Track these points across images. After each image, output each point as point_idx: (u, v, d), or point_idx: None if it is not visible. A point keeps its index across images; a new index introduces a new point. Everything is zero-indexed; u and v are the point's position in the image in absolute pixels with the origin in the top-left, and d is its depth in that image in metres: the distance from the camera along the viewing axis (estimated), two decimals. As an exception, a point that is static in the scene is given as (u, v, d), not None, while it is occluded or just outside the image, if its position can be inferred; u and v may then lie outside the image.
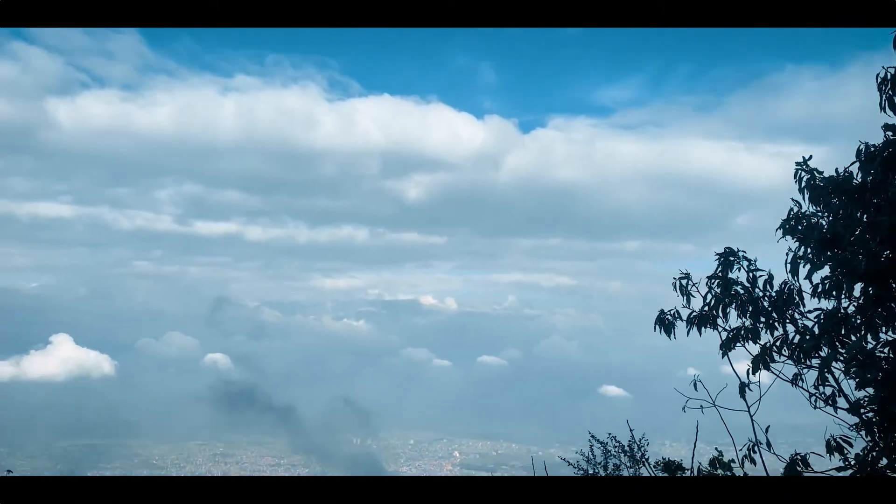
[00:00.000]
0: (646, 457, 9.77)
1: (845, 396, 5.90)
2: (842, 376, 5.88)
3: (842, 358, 5.81)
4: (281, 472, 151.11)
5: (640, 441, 9.81)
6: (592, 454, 10.26)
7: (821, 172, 6.53)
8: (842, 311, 6.07)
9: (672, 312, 6.92)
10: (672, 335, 6.93)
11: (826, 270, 6.19)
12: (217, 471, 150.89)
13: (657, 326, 6.92)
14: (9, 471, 12.08)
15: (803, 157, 6.60)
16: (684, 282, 6.93)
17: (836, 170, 6.36)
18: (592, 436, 10.33)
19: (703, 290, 6.90)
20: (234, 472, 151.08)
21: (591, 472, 10.12)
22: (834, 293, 6.09)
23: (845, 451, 5.58)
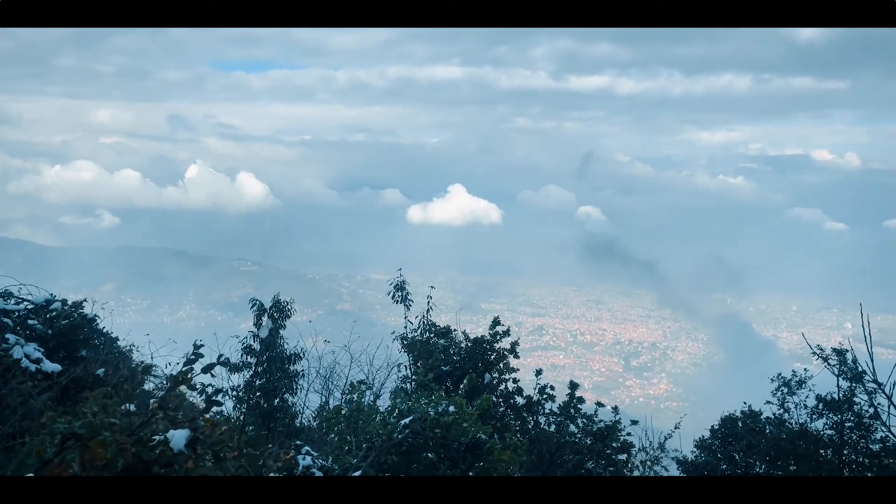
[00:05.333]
0: None
1: None
2: None
3: None
4: (651, 324, 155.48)
5: None
6: None
7: None
8: None
9: None
10: None
11: None
12: (590, 316, 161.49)
13: None
14: (430, 296, 14.59)
15: None
16: None
17: None
18: None
19: None
20: (605, 318, 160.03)
21: None
22: None
23: None
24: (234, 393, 11.48)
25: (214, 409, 11.00)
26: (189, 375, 2.92)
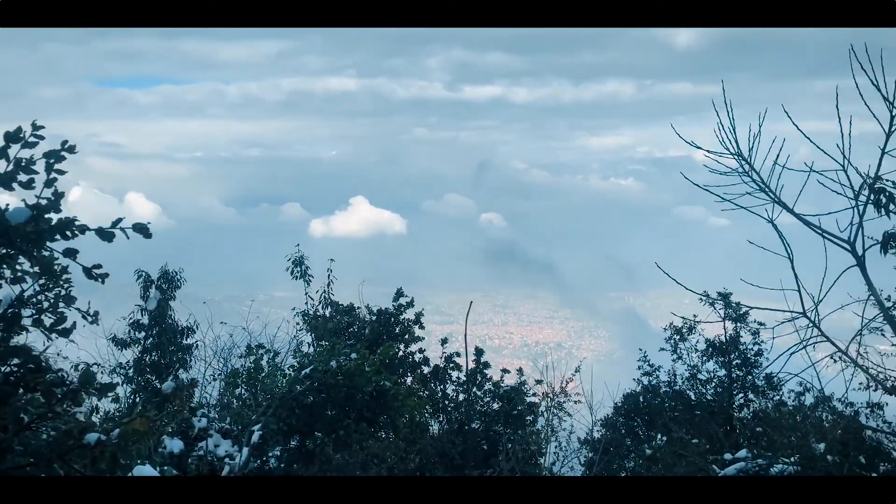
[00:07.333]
0: None
1: None
2: None
3: None
4: (556, 325, 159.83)
5: None
6: None
7: None
8: None
9: None
10: None
11: None
12: (498, 321, 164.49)
13: None
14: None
15: None
16: None
17: None
18: None
19: None
20: (512, 321, 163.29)
21: None
22: None
23: None
24: (123, 371, 10.78)
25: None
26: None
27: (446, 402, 14.38)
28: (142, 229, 2.53)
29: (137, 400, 10.67)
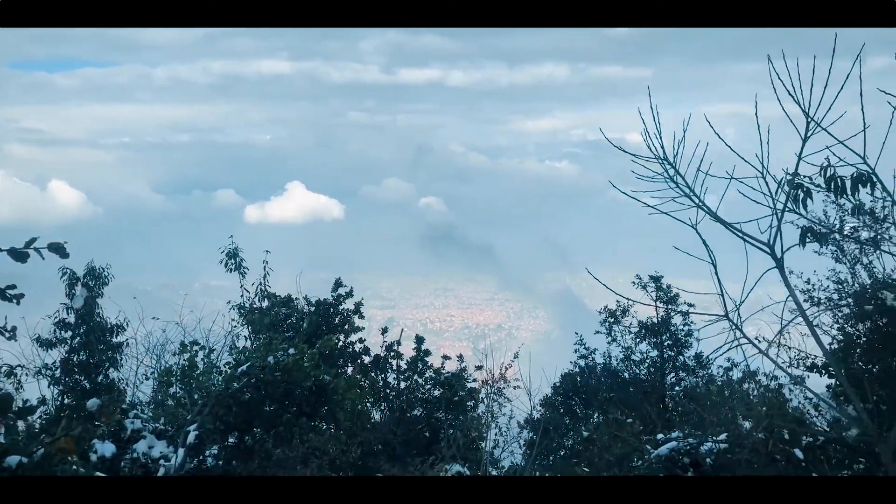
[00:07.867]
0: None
1: None
2: None
3: None
4: (495, 306, 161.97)
5: None
6: None
7: None
8: None
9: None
10: None
11: None
12: (438, 304, 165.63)
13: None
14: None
15: None
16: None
17: None
18: None
19: None
20: (453, 304, 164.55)
21: None
22: None
23: None
24: (49, 373, 10.32)
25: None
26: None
27: (388, 391, 14.39)
28: (58, 249, 2.41)
29: (65, 401, 10.27)
